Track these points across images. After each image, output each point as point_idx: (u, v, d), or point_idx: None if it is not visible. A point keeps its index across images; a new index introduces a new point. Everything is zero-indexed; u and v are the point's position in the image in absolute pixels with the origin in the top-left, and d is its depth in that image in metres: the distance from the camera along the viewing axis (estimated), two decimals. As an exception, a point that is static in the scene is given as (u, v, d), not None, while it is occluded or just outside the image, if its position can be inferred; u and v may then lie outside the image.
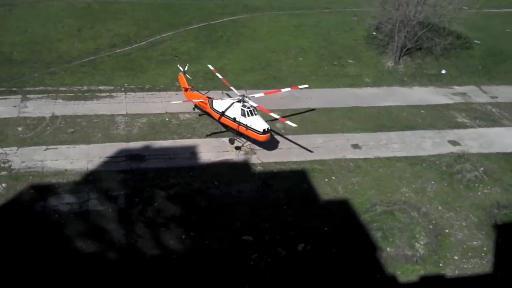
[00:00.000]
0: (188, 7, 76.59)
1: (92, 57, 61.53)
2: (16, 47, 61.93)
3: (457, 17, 62.64)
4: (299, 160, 46.26)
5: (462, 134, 52.53)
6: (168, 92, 56.06)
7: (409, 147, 49.70)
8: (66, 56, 61.40)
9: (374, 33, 70.87)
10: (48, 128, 47.86)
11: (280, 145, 48.36)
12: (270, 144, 47.69)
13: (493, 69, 66.80)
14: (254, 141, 47.17)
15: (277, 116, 46.01)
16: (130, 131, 48.58)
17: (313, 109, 54.88)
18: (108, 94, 54.85)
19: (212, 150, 46.75)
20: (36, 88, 54.33)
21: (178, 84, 53.65)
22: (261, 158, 46.07)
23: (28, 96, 52.83)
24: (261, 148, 47.35)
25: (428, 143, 50.67)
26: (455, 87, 62.90)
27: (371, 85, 61.88)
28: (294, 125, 44.11)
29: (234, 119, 46.98)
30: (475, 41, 71.14)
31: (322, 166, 45.60)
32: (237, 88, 49.72)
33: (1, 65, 58.10)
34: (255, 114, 46.05)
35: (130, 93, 55.48)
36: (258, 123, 45.52)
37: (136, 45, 65.10)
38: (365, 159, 47.15)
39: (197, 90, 53.31)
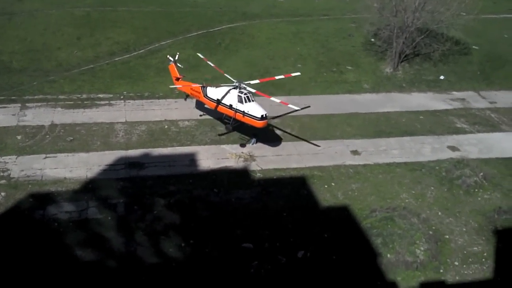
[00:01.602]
0: (187, 15, 76.80)
1: (91, 65, 61.64)
2: (16, 56, 62.04)
3: (455, 23, 62.88)
4: (299, 166, 46.23)
5: (461, 140, 52.54)
6: (167, 100, 56.17)
7: (408, 153, 49.69)
8: (65, 64, 61.50)
9: (372, 39, 71.08)
10: (47, 136, 47.84)
11: (279, 151, 48.35)
12: (269, 149, 47.74)
13: (491, 74, 66.96)
14: (253, 129, 47.27)
15: (278, 100, 45.88)
16: (129, 139, 48.56)
17: (308, 106, 55.18)
18: (107, 102, 54.88)
19: (211, 157, 46.71)
20: (35, 97, 54.39)
21: (174, 87, 53.55)
22: (260, 165, 46.04)
23: (27, 104, 52.87)
24: (260, 155, 47.32)
25: (428, 148, 50.66)
26: (454, 92, 63.00)
27: (370, 91, 61.97)
28: (297, 108, 45.26)
29: (230, 106, 46.76)
30: (474, 46, 71.36)
31: (322, 173, 45.56)
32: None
33: (0, 73, 58.18)
34: (252, 101, 46.01)
35: (129, 100, 55.52)
36: (255, 109, 45.39)
37: (135, 53, 65.24)
38: (364, 165, 47.12)
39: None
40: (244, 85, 46.86)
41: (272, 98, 45.86)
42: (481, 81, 65.68)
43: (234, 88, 47.04)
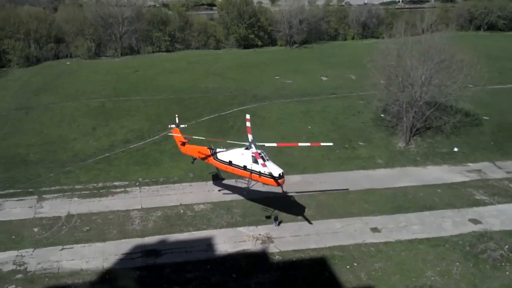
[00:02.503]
0: (199, 100, 78.75)
1: (107, 154, 62.53)
2: (32, 148, 63.29)
3: (463, 95, 63.60)
4: (318, 247, 45.27)
5: (482, 212, 51.51)
6: (182, 184, 56.31)
7: (429, 228, 48.62)
8: (81, 154, 62.48)
9: (382, 115, 71.87)
10: (64, 227, 47.71)
11: (297, 231, 47.59)
12: (286, 230, 47.02)
13: (505, 144, 66.75)
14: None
15: (308, 144, 47.24)
16: (145, 226, 48.23)
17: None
18: (123, 189, 55.10)
19: (228, 241, 46.00)
20: (52, 188, 54.83)
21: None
22: (279, 247, 45.16)
23: (44, 196, 53.20)
24: (278, 236, 46.54)
25: (449, 223, 49.60)
26: (469, 164, 62.58)
27: (384, 166, 61.75)
28: (330, 144, 48.75)
29: (244, 167, 45.73)
30: (484, 117, 71.78)
31: (343, 252, 44.48)
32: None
33: (17, 166, 59.08)
34: (267, 160, 44.85)
35: (144, 187, 55.69)
36: (272, 169, 44.05)
37: (150, 139, 66.32)
38: (386, 243, 46.01)
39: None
40: (253, 148, 45.71)
41: (300, 144, 48.71)
42: (495, 151, 65.38)
43: (245, 149, 46.28)
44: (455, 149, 65.24)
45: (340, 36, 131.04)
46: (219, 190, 53.52)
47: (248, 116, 51.07)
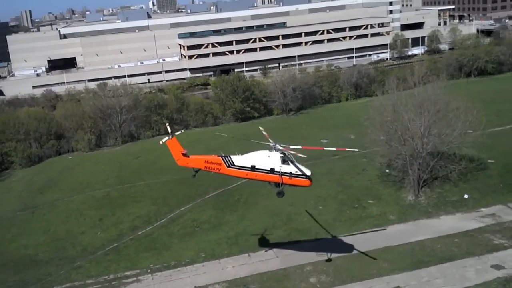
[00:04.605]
0: (203, 178, 77.86)
1: (116, 244, 61.80)
2: (41, 248, 62.67)
3: (465, 142, 63.53)
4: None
5: (504, 256, 50.08)
6: (194, 265, 55.16)
7: (452, 280, 47.18)
8: (90, 247, 61.73)
9: (387, 170, 71.56)
10: (78, 325, 46.29)
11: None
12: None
13: (514, 184, 65.99)
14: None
15: (333, 148, 46.18)
16: (161, 314, 46.77)
17: None
18: (134, 278, 53.93)
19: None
20: (63, 286, 53.72)
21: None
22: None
23: (55, 295, 52.07)
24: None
25: (471, 272, 48.14)
26: (482, 209, 61.54)
27: (397, 221, 60.73)
28: (356, 150, 44.78)
29: (272, 171, 42.00)
30: (489, 160, 71.38)
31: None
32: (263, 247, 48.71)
33: (27, 268, 58.25)
34: (293, 160, 42.58)
35: (156, 273, 54.53)
36: (302, 169, 42.13)
37: (157, 223, 65.77)
38: (411, 301, 44.43)
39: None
40: (279, 147, 42.50)
41: (326, 148, 46.61)
42: (506, 193, 64.47)
43: (269, 151, 42.68)
44: (466, 196, 64.38)
45: (334, 99, 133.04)
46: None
47: (261, 127, 46.64)
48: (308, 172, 42.46)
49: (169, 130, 43.24)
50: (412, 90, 70.77)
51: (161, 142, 43.61)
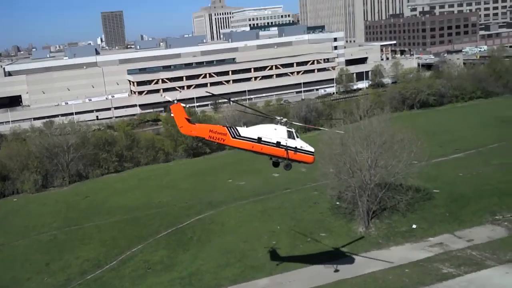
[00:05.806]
0: (154, 216, 77.38)
1: (63, 290, 59.45)
2: (-17, 298, 59.48)
3: (410, 172, 65.45)
4: None
5: (452, 285, 51.48)
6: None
7: (405, 311, 47.74)
8: (36, 297, 59.04)
9: (337, 202, 72.58)
10: None
11: None
12: None
13: (460, 213, 68.07)
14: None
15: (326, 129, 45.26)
16: None
17: None
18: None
19: None
20: None
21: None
22: None
23: None
24: None
25: (422, 302, 48.97)
26: (430, 238, 63.11)
27: (349, 253, 61.24)
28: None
29: (278, 144, 41.06)
30: (434, 190, 73.66)
31: None
32: (217, 286, 48.08)
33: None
34: (298, 136, 42.40)
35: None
36: (307, 145, 42.11)
37: (107, 266, 63.73)
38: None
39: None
40: (285, 120, 42.16)
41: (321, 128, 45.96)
42: (452, 221, 66.48)
43: (275, 124, 42.05)
44: (414, 226, 65.94)
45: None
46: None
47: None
48: (312, 149, 42.68)
49: (170, 99, 40.57)
50: (359, 123, 72.71)
51: (162, 95, 40.99)
